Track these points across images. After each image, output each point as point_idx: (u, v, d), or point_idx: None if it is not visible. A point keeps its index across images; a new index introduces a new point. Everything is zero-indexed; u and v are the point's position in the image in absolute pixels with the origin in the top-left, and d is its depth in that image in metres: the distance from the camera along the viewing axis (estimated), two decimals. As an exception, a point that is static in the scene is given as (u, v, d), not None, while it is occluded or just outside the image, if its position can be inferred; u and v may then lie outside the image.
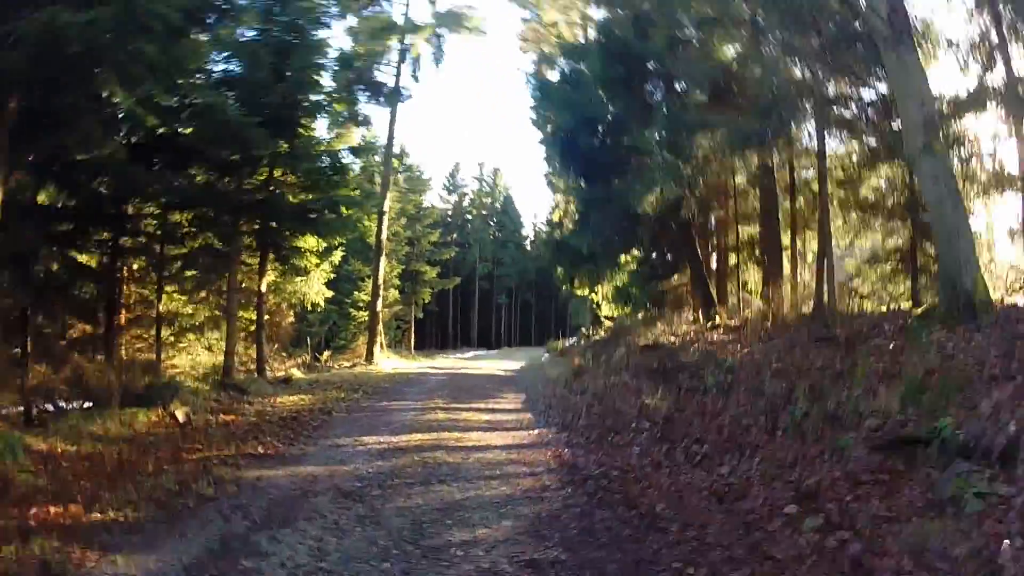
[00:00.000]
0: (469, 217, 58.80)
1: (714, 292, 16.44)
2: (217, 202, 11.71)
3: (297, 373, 16.35)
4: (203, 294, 14.58)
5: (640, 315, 20.91)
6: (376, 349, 21.69)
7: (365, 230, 20.75)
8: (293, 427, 8.28)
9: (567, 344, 30.45)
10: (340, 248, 21.78)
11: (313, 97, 13.96)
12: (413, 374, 17.65)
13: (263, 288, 13.73)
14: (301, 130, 15.28)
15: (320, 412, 9.57)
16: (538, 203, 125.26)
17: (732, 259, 18.81)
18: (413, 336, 31.23)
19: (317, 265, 16.31)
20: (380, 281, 22.03)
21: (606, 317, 25.01)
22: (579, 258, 17.80)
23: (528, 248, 63.40)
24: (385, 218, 22.47)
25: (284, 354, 21.21)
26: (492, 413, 10.20)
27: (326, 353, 20.17)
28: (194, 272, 14.35)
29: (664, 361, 11.89)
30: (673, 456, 6.14)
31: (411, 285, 29.29)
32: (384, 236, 22.35)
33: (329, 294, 18.67)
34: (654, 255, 20.10)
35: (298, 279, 18.17)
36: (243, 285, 14.47)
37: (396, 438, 7.68)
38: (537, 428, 8.91)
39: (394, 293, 26.03)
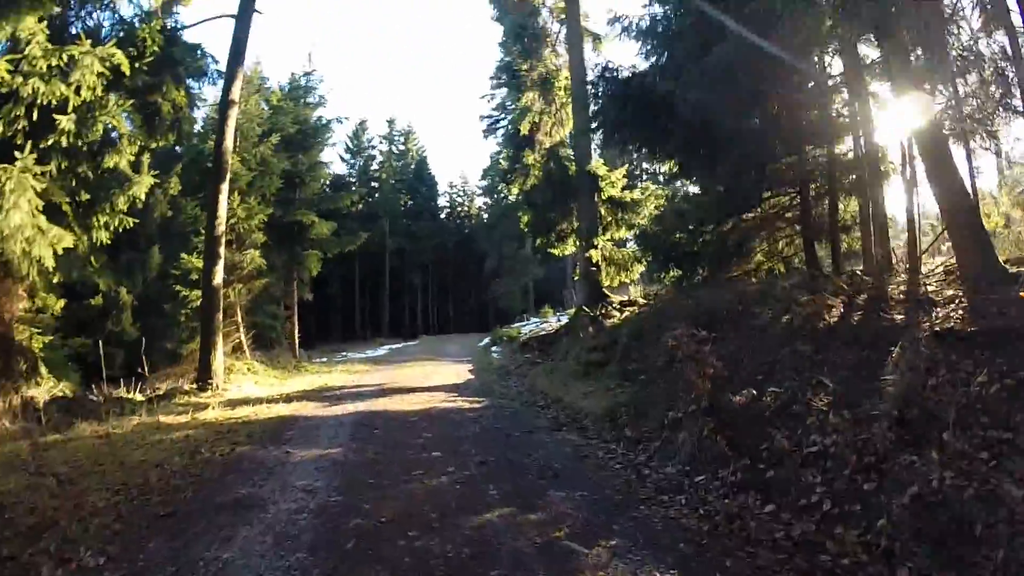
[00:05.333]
0: (376, 185, 47.19)
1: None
2: None
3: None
4: None
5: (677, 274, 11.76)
6: (216, 358, 10.77)
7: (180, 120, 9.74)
8: None
9: (530, 330, 20.20)
10: (147, 170, 10.66)
11: None
12: (252, 441, 6.42)
13: None
14: None
15: None
16: (455, 168, 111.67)
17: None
18: (297, 329, 19.48)
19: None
20: (221, 229, 11.02)
21: (608, 288, 15.20)
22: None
23: (444, 219, 52.79)
24: (233, 114, 11.45)
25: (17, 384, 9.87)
26: None
27: (44, 389, 9.04)
28: None
29: None
30: None
31: (289, 247, 17.73)
32: (229, 145, 11.35)
33: (67, 241, 7.70)
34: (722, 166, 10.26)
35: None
36: None
37: None
38: None
39: (256, 257, 14.41)
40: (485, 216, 52.20)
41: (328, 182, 20.40)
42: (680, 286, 11.88)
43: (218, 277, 10.88)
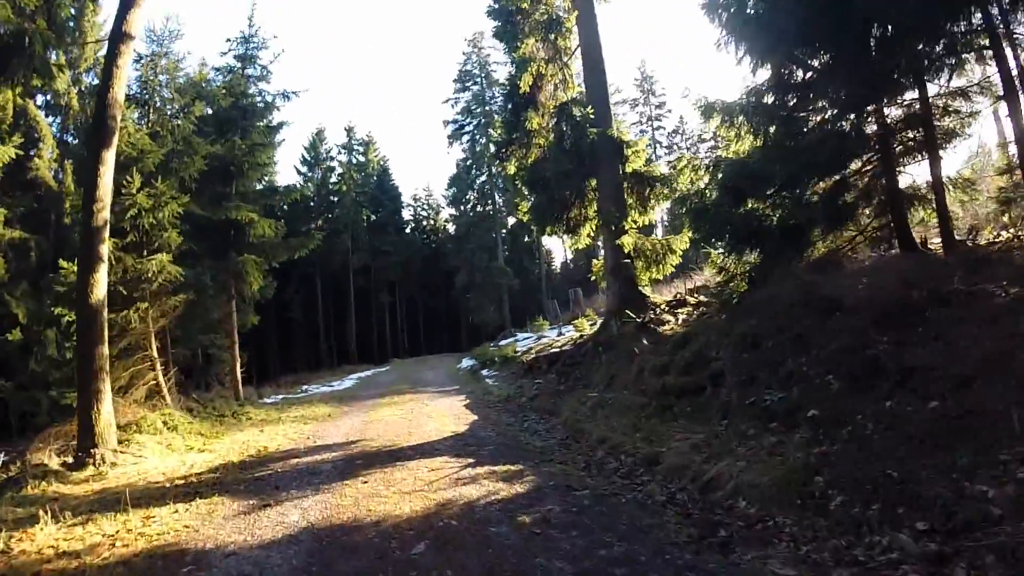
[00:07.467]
0: (335, 199, 42.92)
1: None
2: None
3: None
4: None
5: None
6: (102, 416, 6.87)
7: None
8: None
9: (527, 346, 16.48)
10: None
11: None
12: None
13: None
14: None
15: None
16: (418, 180, 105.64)
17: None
18: (239, 366, 14.32)
19: None
20: (103, 217, 7.18)
21: (643, 287, 11.77)
22: None
23: (410, 233, 48.80)
24: (126, 53, 7.67)
25: None
26: None
27: None
28: None
29: None
30: None
31: (222, 253, 13.10)
32: (119, 96, 7.52)
33: None
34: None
35: None
36: None
37: None
38: None
39: (165, 262, 9.61)
40: (452, 228, 48.48)
41: (273, 172, 15.93)
42: (753, 276, 8.55)
43: (99, 290, 6.97)
